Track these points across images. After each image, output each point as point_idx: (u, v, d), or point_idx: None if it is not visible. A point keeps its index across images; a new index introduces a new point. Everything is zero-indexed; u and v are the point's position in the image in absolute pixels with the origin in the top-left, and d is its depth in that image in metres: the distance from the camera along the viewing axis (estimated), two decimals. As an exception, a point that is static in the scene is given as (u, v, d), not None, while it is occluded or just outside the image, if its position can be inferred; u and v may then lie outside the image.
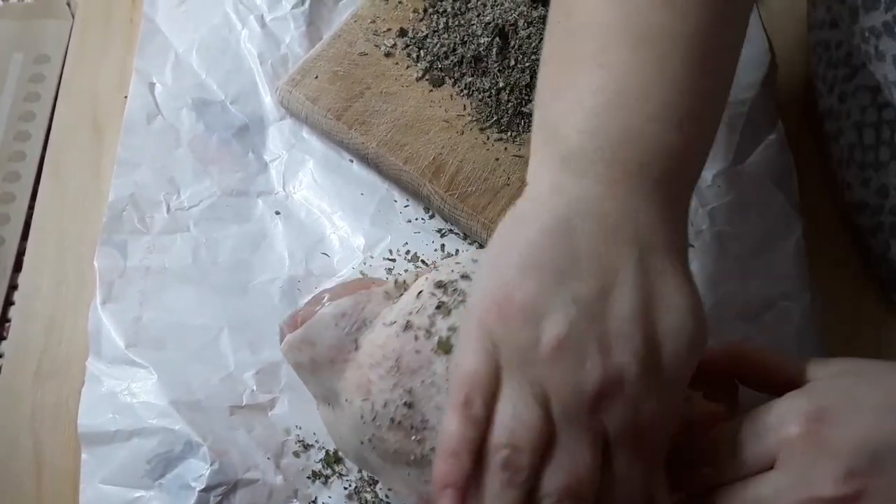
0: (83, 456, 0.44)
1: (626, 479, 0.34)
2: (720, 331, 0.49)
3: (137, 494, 0.43)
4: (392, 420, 0.37)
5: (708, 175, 0.54)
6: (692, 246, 0.52)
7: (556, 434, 0.33)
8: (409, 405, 0.37)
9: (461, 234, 0.53)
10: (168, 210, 0.51)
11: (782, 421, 0.37)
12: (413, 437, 0.37)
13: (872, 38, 0.46)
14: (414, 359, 0.37)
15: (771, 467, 0.37)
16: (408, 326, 0.38)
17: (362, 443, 0.38)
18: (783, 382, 0.40)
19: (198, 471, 0.43)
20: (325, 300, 0.40)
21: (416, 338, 0.37)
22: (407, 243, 0.52)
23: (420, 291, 0.39)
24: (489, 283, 0.35)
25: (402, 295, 0.40)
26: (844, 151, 0.53)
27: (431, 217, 0.53)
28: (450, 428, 0.33)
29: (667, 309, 0.34)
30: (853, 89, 0.52)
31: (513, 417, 0.33)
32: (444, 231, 0.53)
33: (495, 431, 0.33)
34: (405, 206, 0.54)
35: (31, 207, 0.54)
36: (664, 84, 0.36)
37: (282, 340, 0.41)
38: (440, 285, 0.39)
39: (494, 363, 0.33)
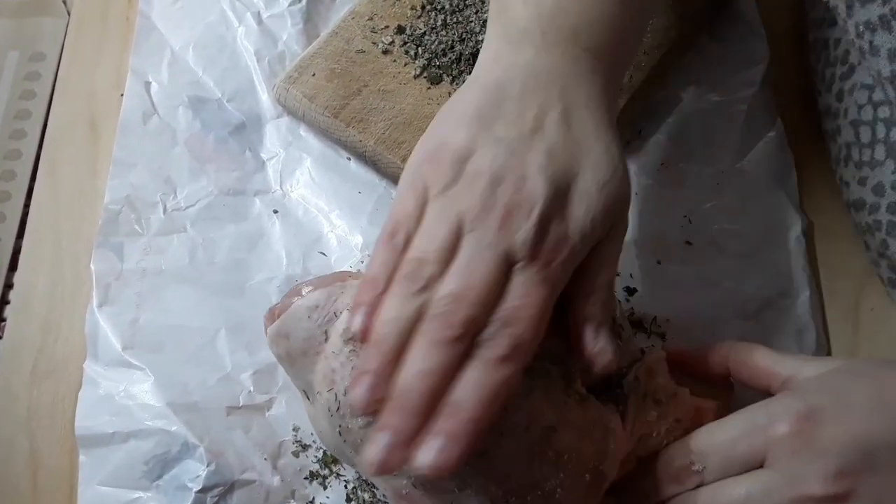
0: (81, 458, 0.43)
1: (521, 297, 0.34)
2: (720, 330, 0.49)
3: (135, 496, 0.42)
4: (352, 408, 0.36)
5: (706, 172, 0.54)
6: (690, 244, 0.52)
7: (461, 248, 0.34)
8: None
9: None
10: (165, 211, 0.51)
11: (773, 420, 0.37)
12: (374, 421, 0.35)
13: (867, 32, 0.45)
14: None
15: (761, 466, 0.37)
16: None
17: (337, 435, 0.38)
18: (777, 381, 0.40)
19: (195, 472, 0.42)
20: (302, 292, 0.40)
21: None
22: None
23: None
24: (425, 142, 0.38)
25: None
26: (842, 150, 0.53)
27: (429, 215, 0.53)
28: (373, 260, 0.35)
29: (585, 152, 0.36)
30: (850, 87, 0.52)
31: (423, 236, 0.35)
32: (442, 229, 0.53)
33: (408, 251, 0.34)
34: (403, 205, 0.53)
35: (26, 206, 0.53)
36: None
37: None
38: None
39: (423, 200, 0.35)
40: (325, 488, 0.44)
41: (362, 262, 0.51)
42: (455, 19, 0.56)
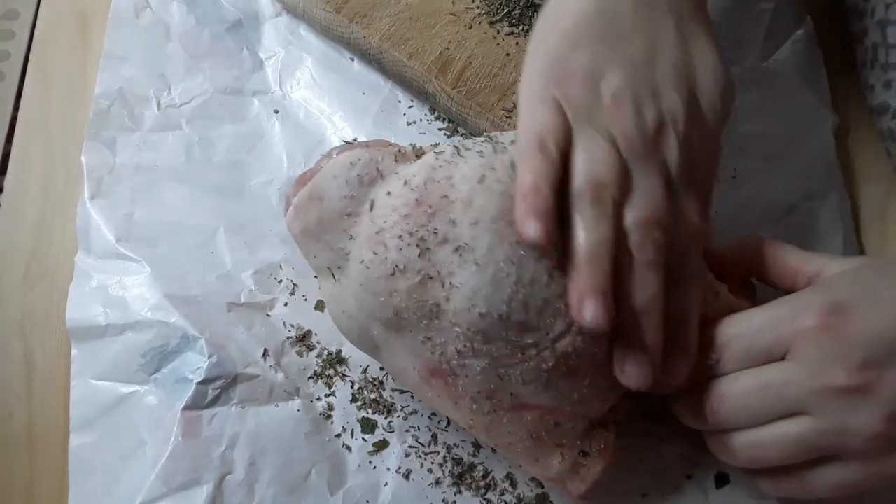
0: (73, 352, 0.42)
1: (687, 210, 0.36)
2: (743, 233, 0.47)
3: (131, 389, 0.40)
4: (405, 267, 0.34)
5: (732, 72, 0.51)
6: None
7: (629, 171, 0.35)
8: (429, 245, 0.34)
9: (468, 135, 0.50)
10: (158, 107, 0.49)
11: (798, 313, 0.36)
12: (430, 280, 0.34)
13: None
14: (436, 202, 0.35)
15: (782, 359, 0.35)
16: (429, 180, 0.36)
17: (369, 306, 0.36)
18: (803, 279, 0.39)
19: (195, 363, 0.40)
20: (335, 154, 0.37)
21: (439, 182, 0.35)
22: (412, 145, 0.49)
23: (441, 151, 0.37)
24: (541, 57, 0.37)
25: (419, 157, 0.38)
26: (868, 52, 0.51)
27: (437, 118, 0.51)
28: (524, 172, 0.35)
29: (702, 63, 0.38)
30: None
31: (590, 159, 0.35)
32: (450, 132, 0.50)
33: (577, 173, 0.35)
34: (409, 107, 0.51)
35: (16, 109, 0.51)
36: None
37: (286, 210, 0.38)
38: (461, 143, 0.37)
39: (563, 117, 0.36)
40: (329, 388, 0.42)
41: (367, 165, 0.49)
42: (464, -90, 0.53)
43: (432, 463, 0.41)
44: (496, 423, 0.36)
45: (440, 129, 0.50)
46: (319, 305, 0.44)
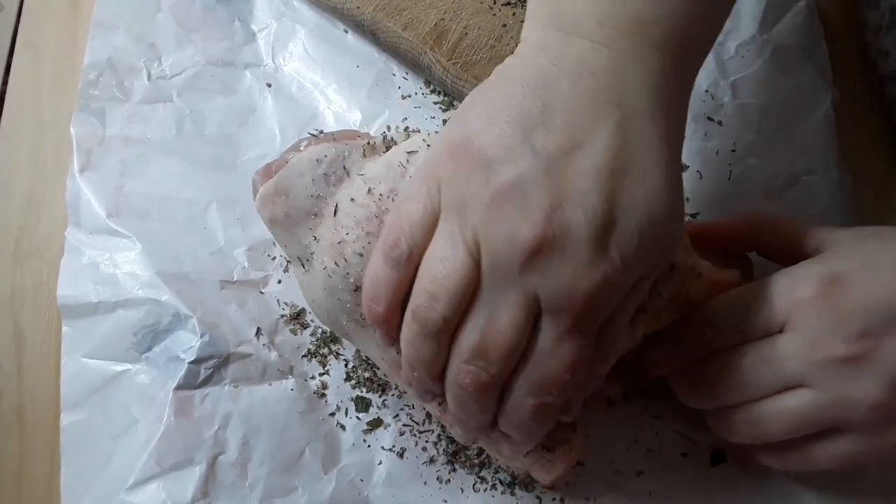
0: (64, 329, 0.41)
1: (551, 356, 0.30)
2: (742, 207, 0.46)
3: (123, 368, 0.40)
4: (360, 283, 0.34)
5: (731, 45, 0.50)
6: (712, 120, 0.49)
7: (481, 287, 0.30)
8: None
9: (465, 109, 0.49)
10: (149, 78, 0.48)
11: (796, 285, 0.35)
12: None
13: None
14: None
15: (780, 332, 0.35)
16: (393, 190, 0.34)
17: (335, 305, 0.35)
18: (803, 252, 0.38)
19: (187, 343, 0.40)
20: (302, 147, 0.37)
21: (393, 200, 0.34)
22: (406, 119, 0.49)
23: (414, 151, 0.35)
24: (451, 132, 0.32)
25: (388, 150, 0.36)
26: (885, 16, 0.49)
27: (433, 91, 0.50)
28: (370, 270, 0.33)
29: (638, 177, 0.30)
30: None
31: (436, 262, 0.30)
32: (445, 105, 0.49)
33: (418, 277, 0.31)
34: (404, 80, 0.50)
35: (4, 83, 0.50)
36: None
37: (255, 195, 0.37)
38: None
39: (434, 208, 0.31)
40: (323, 366, 0.42)
41: (362, 139, 0.48)
42: None
43: (426, 441, 0.41)
44: None
45: (435, 103, 0.50)
46: (313, 282, 0.44)
